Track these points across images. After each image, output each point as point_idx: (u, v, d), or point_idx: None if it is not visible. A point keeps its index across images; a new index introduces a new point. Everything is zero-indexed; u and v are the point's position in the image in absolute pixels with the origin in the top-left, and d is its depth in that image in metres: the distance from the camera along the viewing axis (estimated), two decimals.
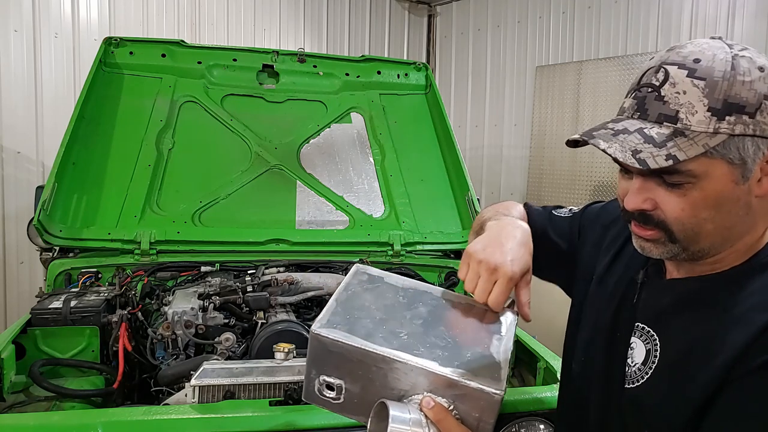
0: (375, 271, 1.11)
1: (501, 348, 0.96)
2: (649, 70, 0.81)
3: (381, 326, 0.95)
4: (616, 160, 0.80)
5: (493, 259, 0.96)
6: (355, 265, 1.13)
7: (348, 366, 0.91)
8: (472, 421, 0.88)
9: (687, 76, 0.76)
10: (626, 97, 0.84)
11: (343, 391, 0.93)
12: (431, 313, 1.02)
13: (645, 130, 0.77)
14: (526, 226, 1.07)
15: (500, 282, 0.94)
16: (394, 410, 0.83)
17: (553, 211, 1.21)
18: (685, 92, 0.76)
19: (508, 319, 1.04)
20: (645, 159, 0.75)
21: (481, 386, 0.87)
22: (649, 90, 0.79)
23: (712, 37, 0.80)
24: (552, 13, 5.59)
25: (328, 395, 0.94)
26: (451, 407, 0.88)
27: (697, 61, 0.77)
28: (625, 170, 0.85)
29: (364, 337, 0.91)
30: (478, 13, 6.31)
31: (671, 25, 4.70)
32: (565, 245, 1.17)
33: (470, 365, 0.90)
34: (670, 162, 0.75)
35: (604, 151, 0.77)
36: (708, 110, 0.75)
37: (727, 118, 0.75)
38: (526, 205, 1.23)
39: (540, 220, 1.20)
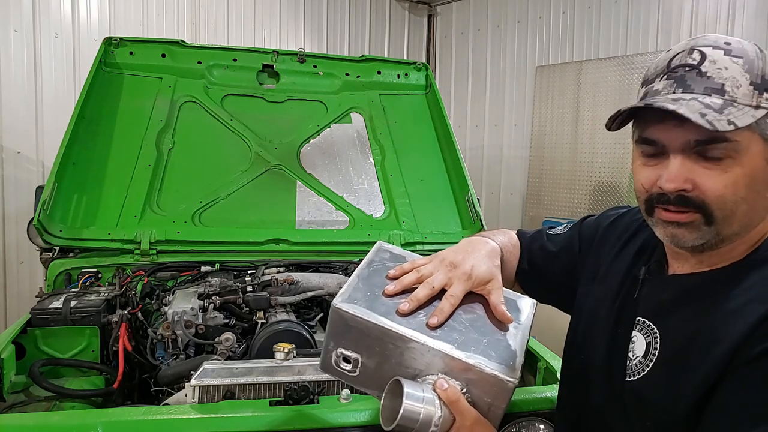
0: (397, 250, 1.14)
1: (518, 336, 0.97)
2: (678, 54, 0.83)
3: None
4: (642, 138, 0.84)
5: (453, 258, 1.01)
6: (378, 242, 1.16)
7: (366, 341, 0.93)
8: (484, 406, 0.90)
9: (724, 54, 0.79)
10: (652, 82, 0.85)
11: (359, 365, 0.95)
12: None
13: (700, 99, 0.78)
14: (494, 243, 1.10)
15: (458, 278, 0.98)
16: (409, 388, 0.85)
17: (548, 231, 1.25)
18: (726, 68, 0.79)
19: (527, 307, 1.05)
20: (712, 121, 0.75)
21: (495, 373, 0.88)
22: (687, 69, 0.81)
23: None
24: (552, 13, 5.59)
25: (344, 367, 0.96)
26: (464, 390, 0.89)
27: (727, 43, 0.80)
28: (651, 155, 0.85)
29: (383, 315, 0.93)
30: (478, 13, 6.31)
31: (671, 25, 4.70)
32: (564, 259, 1.18)
33: (486, 351, 0.91)
34: (732, 127, 0.76)
35: (673, 111, 0.76)
36: (750, 84, 0.78)
37: (765, 93, 0.78)
38: (518, 232, 1.26)
39: (535, 240, 1.23)
